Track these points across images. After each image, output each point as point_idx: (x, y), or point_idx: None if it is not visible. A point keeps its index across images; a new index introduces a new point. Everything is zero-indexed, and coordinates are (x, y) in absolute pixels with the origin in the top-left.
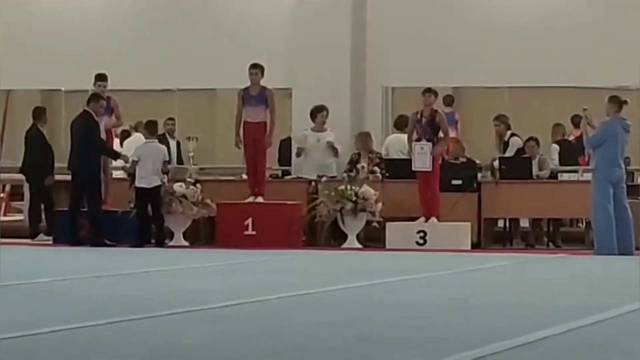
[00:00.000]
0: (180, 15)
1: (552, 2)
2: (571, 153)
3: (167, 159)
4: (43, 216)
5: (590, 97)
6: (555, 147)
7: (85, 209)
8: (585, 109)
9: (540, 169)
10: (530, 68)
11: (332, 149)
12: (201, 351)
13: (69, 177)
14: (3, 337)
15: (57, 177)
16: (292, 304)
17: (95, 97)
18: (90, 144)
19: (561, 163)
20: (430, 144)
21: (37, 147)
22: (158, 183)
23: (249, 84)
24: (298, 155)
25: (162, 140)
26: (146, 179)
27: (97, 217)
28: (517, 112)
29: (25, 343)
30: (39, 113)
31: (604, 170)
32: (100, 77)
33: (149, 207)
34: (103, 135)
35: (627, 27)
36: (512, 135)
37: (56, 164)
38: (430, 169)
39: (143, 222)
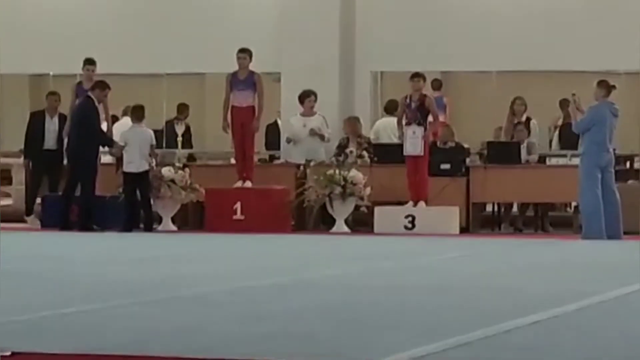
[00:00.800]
0: None
1: None
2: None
3: (154, 143)
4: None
5: (578, 81)
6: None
7: (77, 195)
8: (573, 94)
9: (529, 154)
10: (518, 52)
11: (318, 135)
12: (188, 335)
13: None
14: None
15: None
16: (280, 288)
17: (101, 85)
18: (89, 131)
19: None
20: (421, 128)
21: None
22: (146, 168)
23: (237, 68)
24: (288, 142)
25: (169, 126)
26: (134, 164)
27: (89, 202)
28: (505, 96)
29: (11, 328)
30: None
31: (592, 155)
32: (89, 61)
33: (137, 192)
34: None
35: (614, 12)
36: (528, 118)
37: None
38: (421, 154)
39: (131, 207)
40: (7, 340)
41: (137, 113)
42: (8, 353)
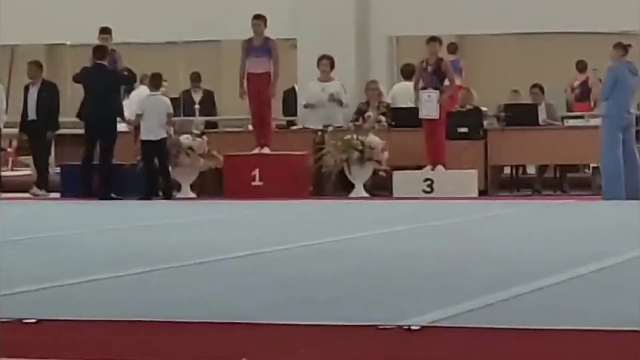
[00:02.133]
0: None
1: None
2: None
3: (171, 111)
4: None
5: (594, 43)
6: None
7: (96, 162)
8: (594, 69)
9: (548, 116)
10: (534, 15)
11: (336, 101)
12: (207, 303)
13: (74, 131)
14: (13, 291)
15: (60, 130)
16: (299, 254)
17: (108, 52)
18: (114, 97)
19: None
20: (437, 91)
21: None
22: (164, 135)
23: (253, 35)
24: (306, 107)
25: (186, 95)
26: (152, 132)
27: (109, 170)
28: (522, 59)
29: (35, 296)
30: None
31: (614, 117)
32: (104, 30)
33: (156, 160)
34: None
35: None
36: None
37: (60, 118)
38: (437, 117)
39: (150, 175)
40: (32, 308)
41: (154, 81)
42: (33, 320)
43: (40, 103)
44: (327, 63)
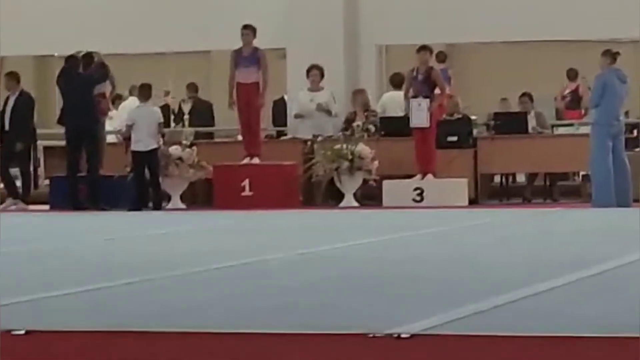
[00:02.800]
0: None
1: None
2: None
3: (162, 121)
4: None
5: (582, 50)
6: None
7: (83, 174)
8: (583, 77)
9: (538, 124)
10: (523, 23)
11: (325, 110)
12: (201, 311)
13: (63, 143)
14: (8, 302)
15: (50, 142)
16: (291, 262)
17: (86, 59)
18: (92, 105)
19: None
20: (427, 100)
21: None
22: (154, 146)
23: (242, 45)
24: (296, 117)
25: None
26: (142, 143)
27: (98, 179)
28: (511, 67)
29: (23, 307)
30: None
31: (603, 124)
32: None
33: (146, 171)
34: None
35: None
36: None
37: (49, 130)
38: (427, 126)
39: (140, 186)
40: (21, 319)
41: (144, 92)
42: (22, 332)
43: (14, 114)
44: (316, 73)
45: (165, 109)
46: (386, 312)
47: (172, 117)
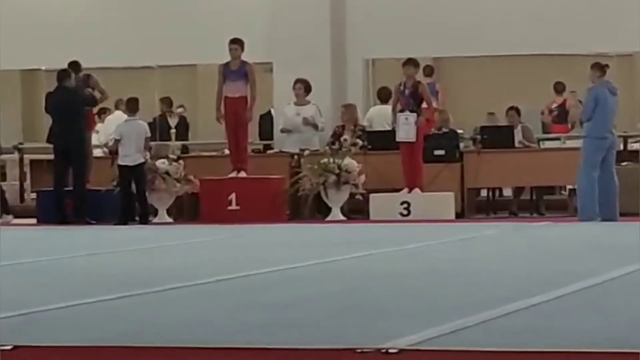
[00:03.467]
0: None
1: None
2: None
3: (149, 135)
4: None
5: (569, 65)
6: None
7: (70, 188)
8: (572, 91)
9: (525, 138)
10: (509, 37)
11: (311, 124)
12: (186, 326)
13: (50, 157)
14: None
15: (36, 156)
16: (277, 278)
17: (69, 74)
18: (78, 119)
19: None
20: (414, 114)
21: None
22: (141, 160)
23: (229, 58)
24: (283, 132)
25: (162, 119)
26: (129, 157)
27: (85, 194)
28: (498, 80)
29: (11, 323)
30: None
31: (595, 137)
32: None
33: (132, 185)
34: None
35: None
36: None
37: (35, 144)
38: (414, 140)
39: (127, 200)
40: (8, 334)
41: (131, 105)
42: (9, 347)
43: None
44: (301, 87)
45: (163, 120)
46: (374, 327)
47: (189, 129)
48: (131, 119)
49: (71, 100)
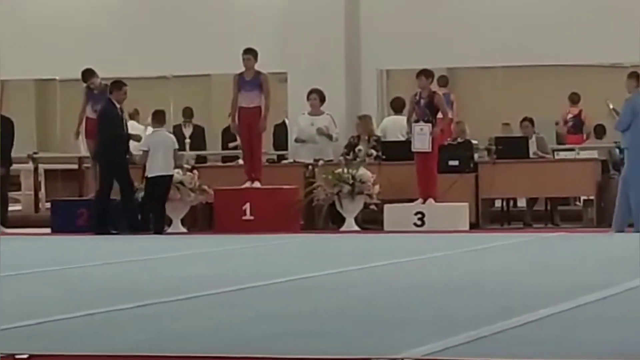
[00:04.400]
0: (173, 1)
1: None
2: None
3: (177, 147)
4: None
5: (583, 75)
6: None
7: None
8: (607, 100)
9: (539, 149)
10: (524, 47)
11: (325, 135)
12: (201, 336)
13: (64, 166)
14: (5, 326)
15: (51, 165)
16: (292, 288)
17: (116, 85)
18: (116, 135)
19: None
20: (429, 125)
21: None
22: (170, 173)
23: (243, 69)
24: (297, 142)
25: (178, 129)
26: (159, 168)
27: (132, 205)
28: (512, 91)
29: (27, 331)
30: None
31: (637, 147)
32: (88, 74)
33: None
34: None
35: (619, 4)
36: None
37: (50, 154)
38: (429, 150)
39: (150, 211)
40: (24, 343)
41: (158, 117)
42: (25, 356)
43: None
44: (316, 97)
45: (178, 130)
46: (389, 337)
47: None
48: (158, 130)
49: (113, 116)
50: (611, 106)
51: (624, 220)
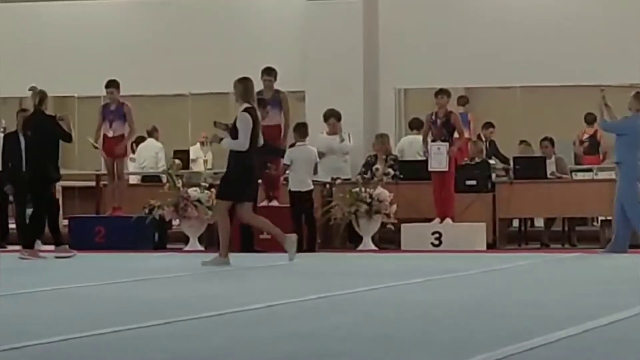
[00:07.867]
0: (191, 19)
1: (564, 0)
2: None
3: (318, 160)
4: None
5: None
6: None
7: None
8: (602, 89)
9: (558, 170)
10: (542, 67)
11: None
12: (218, 356)
13: (82, 183)
14: (23, 344)
15: (68, 183)
16: (308, 307)
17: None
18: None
19: None
20: (446, 144)
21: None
22: (310, 187)
23: (261, 87)
24: (320, 157)
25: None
26: (300, 183)
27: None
28: (530, 111)
29: (43, 350)
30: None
31: (631, 166)
32: (110, 84)
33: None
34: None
35: (638, 25)
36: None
37: (67, 170)
38: (446, 169)
39: (296, 224)
40: None
41: (300, 131)
42: None
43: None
44: (334, 120)
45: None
46: (406, 358)
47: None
48: (302, 144)
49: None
50: (605, 99)
51: (625, 238)
